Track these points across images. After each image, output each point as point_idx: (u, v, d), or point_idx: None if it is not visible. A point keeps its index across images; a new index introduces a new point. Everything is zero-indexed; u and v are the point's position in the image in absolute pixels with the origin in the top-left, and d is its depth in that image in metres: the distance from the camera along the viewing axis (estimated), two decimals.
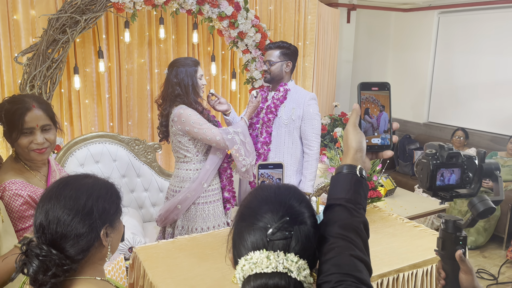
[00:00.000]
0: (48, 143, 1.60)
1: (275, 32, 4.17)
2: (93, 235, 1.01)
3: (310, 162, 2.70)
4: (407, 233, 2.30)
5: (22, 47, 3.04)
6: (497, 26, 4.83)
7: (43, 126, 1.57)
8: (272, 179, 1.98)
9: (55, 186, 1.05)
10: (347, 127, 0.97)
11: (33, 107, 1.55)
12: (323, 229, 0.90)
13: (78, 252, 0.99)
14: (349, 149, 0.95)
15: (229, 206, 2.64)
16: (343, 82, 5.52)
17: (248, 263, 0.81)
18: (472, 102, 5.18)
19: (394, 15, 5.92)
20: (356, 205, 0.90)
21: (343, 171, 0.93)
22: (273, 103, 2.68)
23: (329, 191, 0.95)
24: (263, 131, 2.70)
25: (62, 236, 0.98)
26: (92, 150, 3.15)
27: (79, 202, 1.01)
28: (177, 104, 2.40)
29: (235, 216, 0.91)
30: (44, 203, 1.01)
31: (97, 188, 1.06)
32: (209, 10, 3.38)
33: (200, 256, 2.01)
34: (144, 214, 3.38)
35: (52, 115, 1.62)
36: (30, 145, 1.55)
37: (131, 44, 3.53)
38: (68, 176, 1.10)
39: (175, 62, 2.46)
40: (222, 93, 4.08)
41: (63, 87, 3.32)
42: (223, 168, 2.59)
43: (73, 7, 2.91)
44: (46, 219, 0.99)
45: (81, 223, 0.99)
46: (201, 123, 2.36)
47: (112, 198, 1.08)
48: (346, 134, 0.97)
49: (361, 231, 0.88)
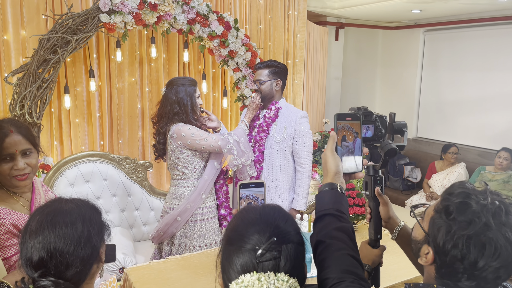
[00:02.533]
0: (30, 168, 1.55)
1: (265, 51, 4.22)
2: (94, 255, 1.04)
3: (302, 179, 2.71)
4: (399, 250, 2.30)
5: (12, 67, 3.03)
6: (482, 43, 4.95)
7: (23, 150, 1.52)
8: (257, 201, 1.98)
9: (43, 218, 1.02)
10: (325, 153, 1.11)
11: (11, 132, 1.50)
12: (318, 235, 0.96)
13: (84, 275, 1.01)
14: (328, 172, 1.08)
15: (225, 223, 2.65)
16: (332, 99, 5.59)
17: (240, 286, 0.81)
18: (460, 118, 5.27)
19: (381, 33, 6.04)
20: (342, 214, 1.00)
21: (325, 188, 1.05)
22: (264, 121, 2.71)
23: (316, 206, 1.05)
24: (256, 149, 2.72)
25: (67, 266, 0.98)
26: (83, 170, 3.13)
27: (77, 230, 1.00)
28: (175, 122, 2.42)
29: (222, 240, 0.91)
30: (37, 236, 0.98)
31: (84, 211, 1.07)
32: (199, 29, 3.42)
33: (192, 276, 1.99)
34: (135, 234, 3.34)
35: (32, 138, 1.57)
36: (11, 171, 1.50)
37: (122, 63, 3.55)
38: (49, 205, 1.08)
39: (175, 81, 2.48)
40: (213, 111, 4.10)
41: (53, 106, 3.31)
42: (220, 185, 2.63)
43: (64, 27, 2.92)
44: (46, 253, 0.97)
45: (84, 249, 1.00)
46: (201, 134, 2.41)
47: (98, 216, 1.10)
48: (324, 159, 1.10)
49: (350, 234, 0.97)
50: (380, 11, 4.75)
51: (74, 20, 2.94)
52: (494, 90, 4.88)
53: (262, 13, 4.16)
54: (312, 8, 4.72)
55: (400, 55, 5.85)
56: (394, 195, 5.13)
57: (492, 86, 4.89)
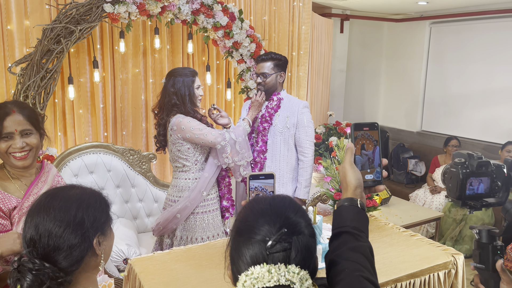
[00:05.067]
0: (29, 146, 1.56)
1: (269, 42, 4.19)
2: (86, 245, 1.01)
3: (305, 169, 2.72)
4: (404, 243, 2.30)
5: (16, 57, 3.02)
6: (488, 36, 4.90)
7: (22, 130, 1.55)
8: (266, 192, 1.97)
9: (43, 199, 1.04)
10: (344, 165, 1.03)
11: (13, 112, 1.53)
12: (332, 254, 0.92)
13: (72, 263, 0.99)
14: (348, 186, 1.01)
15: (227, 215, 2.63)
16: (337, 91, 5.55)
17: (249, 278, 0.80)
18: (465, 111, 5.23)
19: (387, 25, 5.98)
20: (360, 232, 0.94)
21: (345, 204, 0.98)
22: (267, 112, 2.71)
23: (333, 222, 0.99)
24: (259, 140, 2.72)
25: (55, 248, 0.97)
26: (86, 161, 3.12)
27: (70, 213, 1.00)
28: (174, 114, 2.40)
29: (231, 232, 0.90)
30: (33, 217, 1.00)
31: (86, 198, 1.06)
32: (204, 20, 3.39)
33: (196, 267, 1.99)
34: (139, 225, 3.34)
35: (34, 120, 1.59)
36: (8, 149, 1.53)
37: (126, 54, 3.53)
38: (55, 188, 1.09)
39: (173, 71, 2.46)
40: (217, 103, 4.08)
41: (57, 97, 3.30)
42: (222, 177, 2.60)
43: (68, 17, 2.90)
44: (36, 233, 0.98)
45: (73, 234, 0.99)
46: (201, 128, 2.38)
47: (101, 207, 1.08)
48: (343, 172, 1.02)
49: (368, 255, 0.91)
50: (386, 3, 4.70)
51: (78, 10, 2.92)
52: (500, 84, 4.83)
53: (267, 4, 4.12)
54: (317, 0, 4.68)
55: (406, 48, 5.80)
56: (398, 188, 5.11)
57: (498, 79, 4.84)
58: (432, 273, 2.04)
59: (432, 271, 2.04)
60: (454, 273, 2.12)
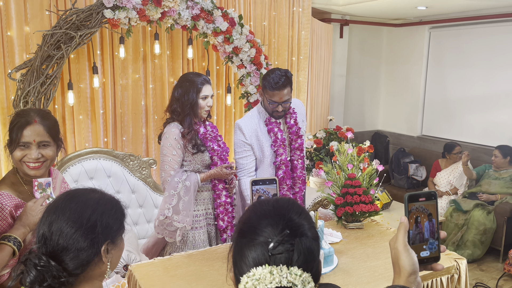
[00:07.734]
0: (44, 158, 1.56)
1: (269, 47, 4.20)
2: (94, 250, 1.01)
3: None
4: None
5: (16, 63, 3.02)
6: (488, 41, 4.91)
7: (40, 142, 1.54)
8: (268, 195, 1.96)
9: (62, 198, 1.05)
10: (397, 247, 0.92)
11: (35, 122, 1.53)
12: None
13: (77, 266, 0.99)
14: (401, 271, 0.91)
15: (225, 236, 2.46)
16: (337, 96, 5.55)
17: (251, 280, 0.79)
18: (465, 115, 5.23)
19: (386, 30, 6.00)
20: None
21: None
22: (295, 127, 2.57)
23: None
24: (298, 167, 2.57)
25: (63, 248, 0.98)
26: (86, 166, 3.11)
27: (84, 216, 1.01)
28: (171, 121, 2.33)
29: (234, 233, 0.89)
30: (49, 214, 1.01)
31: (103, 203, 1.06)
32: (204, 25, 3.40)
33: (197, 273, 1.97)
34: (139, 231, 3.33)
35: (53, 132, 1.59)
36: (23, 158, 1.53)
37: (125, 60, 3.53)
38: (76, 189, 1.10)
39: (184, 75, 2.40)
40: (217, 108, 4.08)
41: (56, 103, 3.30)
42: (217, 195, 2.43)
43: (68, 23, 2.91)
44: (49, 230, 0.99)
45: (83, 236, 0.99)
46: (166, 152, 2.26)
47: (116, 215, 1.08)
48: (396, 254, 0.92)
49: None
50: (385, 8, 4.71)
51: (78, 16, 2.92)
52: (500, 88, 4.83)
53: (267, 9, 4.13)
54: (317, 5, 4.69)
55: (405, 53, 5.80)
56: (399, 193, 5.09)
57: (498, 84, 4.84)
58: (435, 278, 2.03)
59: (435, 276, 2.03)
60: (457, 278, 2.10)
